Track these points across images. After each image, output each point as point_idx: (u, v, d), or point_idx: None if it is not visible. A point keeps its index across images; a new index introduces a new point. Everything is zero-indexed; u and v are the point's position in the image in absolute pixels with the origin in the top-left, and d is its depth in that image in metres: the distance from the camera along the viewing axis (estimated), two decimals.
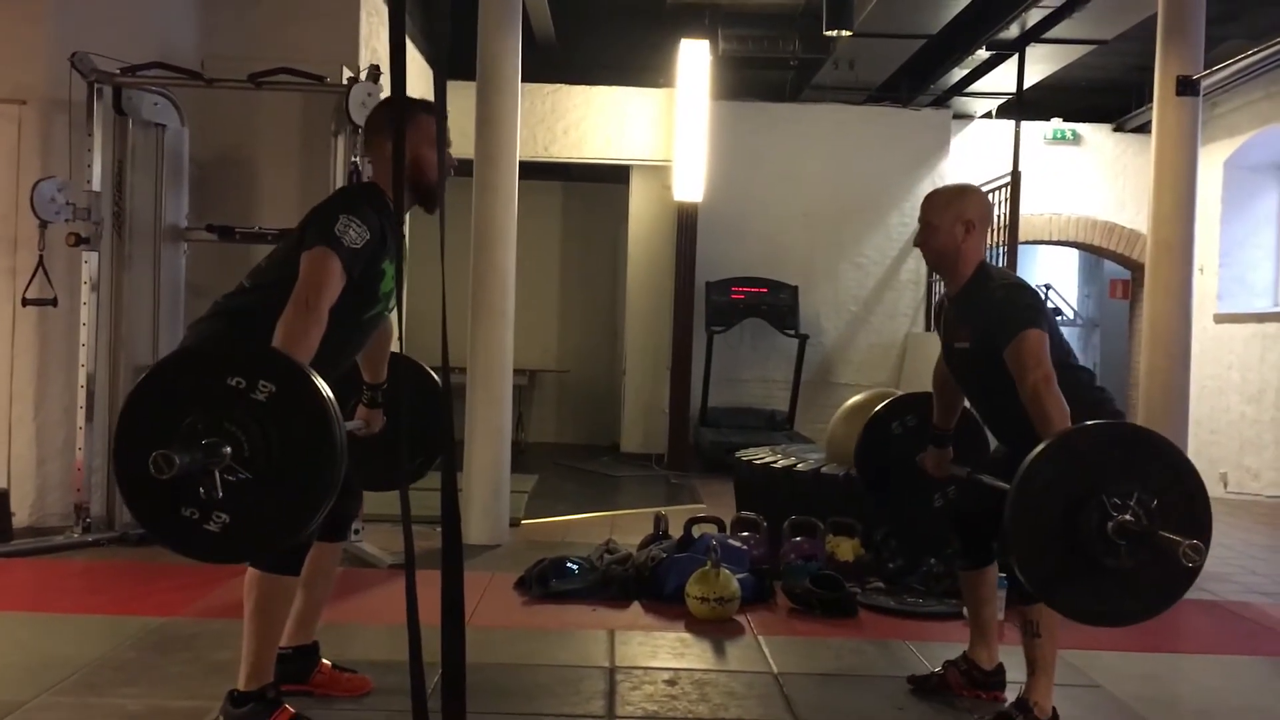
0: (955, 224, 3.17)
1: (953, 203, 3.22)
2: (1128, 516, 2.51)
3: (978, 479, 3.22)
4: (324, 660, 3.24)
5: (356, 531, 4.78)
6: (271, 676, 2.86)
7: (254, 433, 2.24)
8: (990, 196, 8.46)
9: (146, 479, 2.17)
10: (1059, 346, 3.11)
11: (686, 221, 9.34)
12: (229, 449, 2.22)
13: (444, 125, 2.19)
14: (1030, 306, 3.02)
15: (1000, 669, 3.39)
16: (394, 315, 3.10)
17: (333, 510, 2.85)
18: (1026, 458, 2.61)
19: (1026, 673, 3.11)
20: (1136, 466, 2.60)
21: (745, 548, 4.86)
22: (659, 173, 9.62)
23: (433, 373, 3.35)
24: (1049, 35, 7.89)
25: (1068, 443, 2.67)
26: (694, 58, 8.97)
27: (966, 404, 3.43)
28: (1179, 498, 2.61)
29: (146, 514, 2.34)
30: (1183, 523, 2.56)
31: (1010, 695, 3.27)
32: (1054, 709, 3.07)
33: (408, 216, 3.44)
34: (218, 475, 2.22)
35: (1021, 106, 9.12)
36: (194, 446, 2.20)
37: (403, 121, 2.63)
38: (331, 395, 2.32)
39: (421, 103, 2.91)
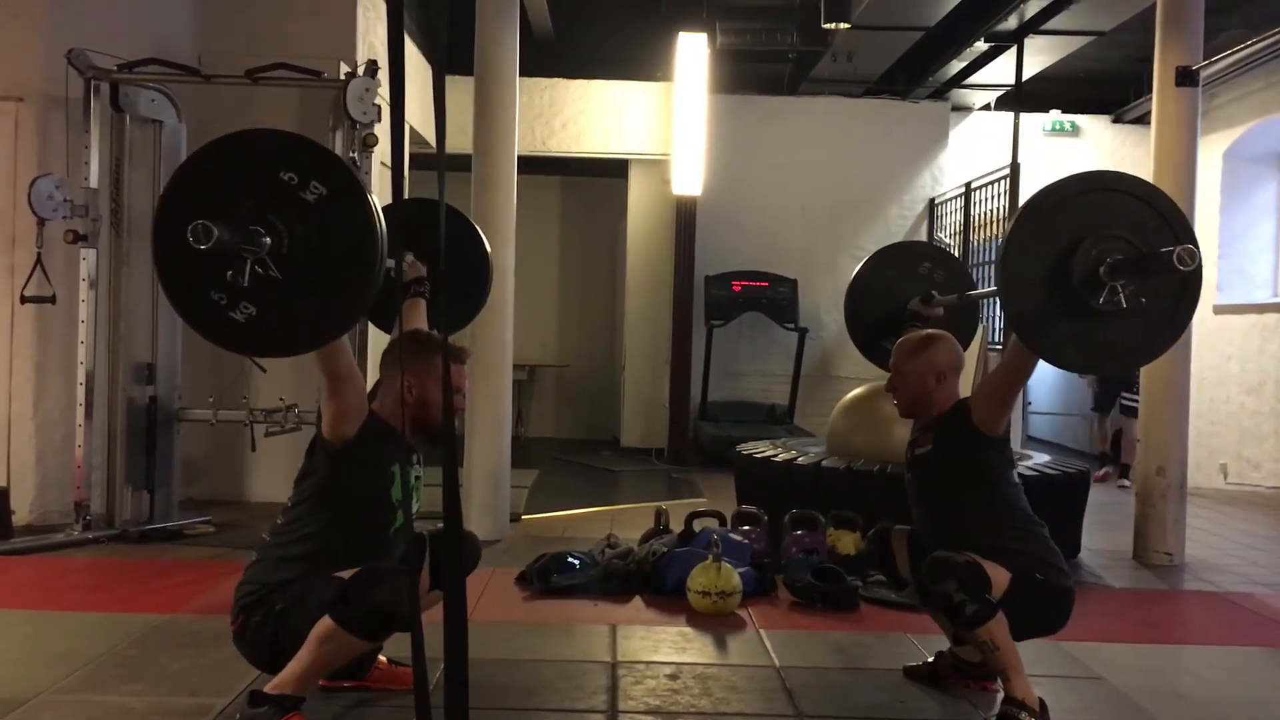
0: (926, 373, 3.16)
1: (922, 351, 3.20)
2: (1117, 254, 2.63)
3: (968, 297, 3.31)
4: (381, 656, 3.19)
5: None
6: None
7: (297, 232, 2.23)
8: (989, 189, 8.47)
9: (183, 253, 2.16)
10: (1011, 464, 3.20)
11: (685, 215, 9.33)
12: (269, 240, 2.22)
13: (442, 121, 2.18)
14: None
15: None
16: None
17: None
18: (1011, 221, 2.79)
19: (1000, 680, 3.04)
20: (1111, 206, 2.72)
21: (746, 542, 4.86)
22: (657, 167, 9.61)
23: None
24: (1047, 27, 7.89)
25: (1040, 200, 2.78)
26: (692, 51, 8.96)
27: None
28: (1154, 220, 2.73)
29: (178, 290, 2.34)
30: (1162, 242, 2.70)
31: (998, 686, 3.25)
32: (1040, 699, 3.02)
33: None
34: (249, 264, 2.22)
35: (1020, 98, 9.10)
36: (236, 227, 2.18)
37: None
38: (380, 210, 2.30)
39: (435, 344, 2.79)
